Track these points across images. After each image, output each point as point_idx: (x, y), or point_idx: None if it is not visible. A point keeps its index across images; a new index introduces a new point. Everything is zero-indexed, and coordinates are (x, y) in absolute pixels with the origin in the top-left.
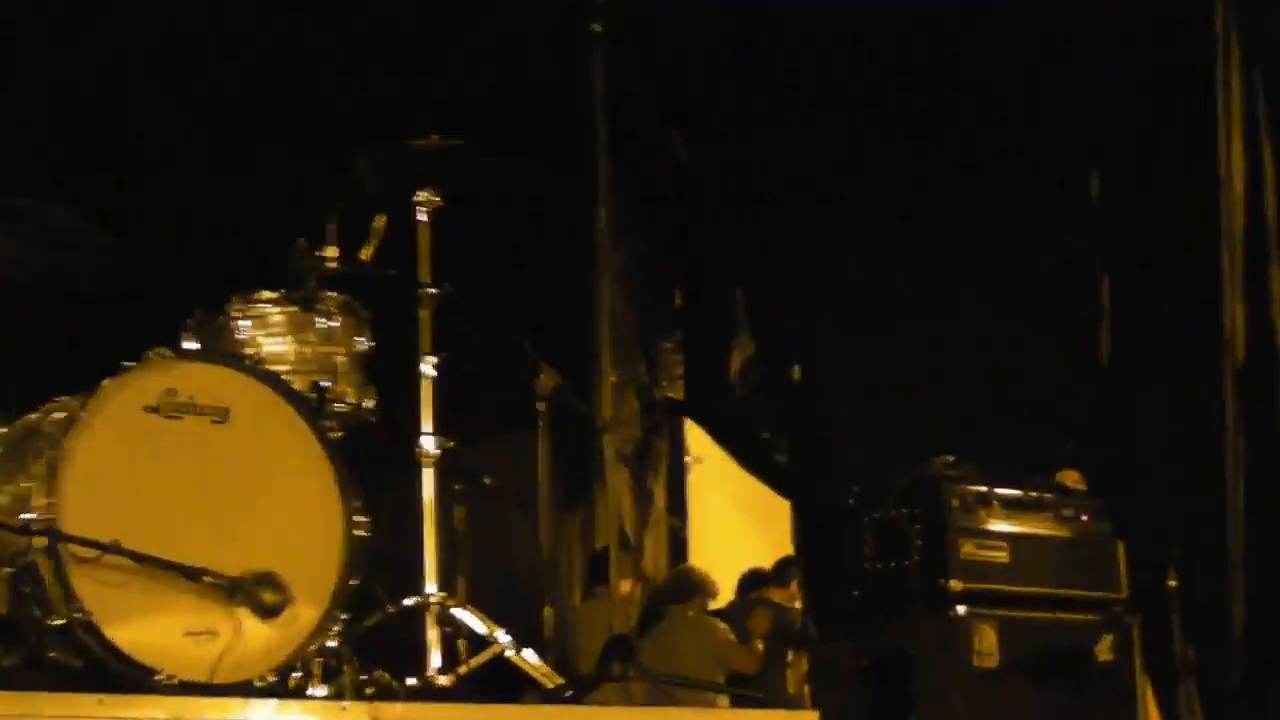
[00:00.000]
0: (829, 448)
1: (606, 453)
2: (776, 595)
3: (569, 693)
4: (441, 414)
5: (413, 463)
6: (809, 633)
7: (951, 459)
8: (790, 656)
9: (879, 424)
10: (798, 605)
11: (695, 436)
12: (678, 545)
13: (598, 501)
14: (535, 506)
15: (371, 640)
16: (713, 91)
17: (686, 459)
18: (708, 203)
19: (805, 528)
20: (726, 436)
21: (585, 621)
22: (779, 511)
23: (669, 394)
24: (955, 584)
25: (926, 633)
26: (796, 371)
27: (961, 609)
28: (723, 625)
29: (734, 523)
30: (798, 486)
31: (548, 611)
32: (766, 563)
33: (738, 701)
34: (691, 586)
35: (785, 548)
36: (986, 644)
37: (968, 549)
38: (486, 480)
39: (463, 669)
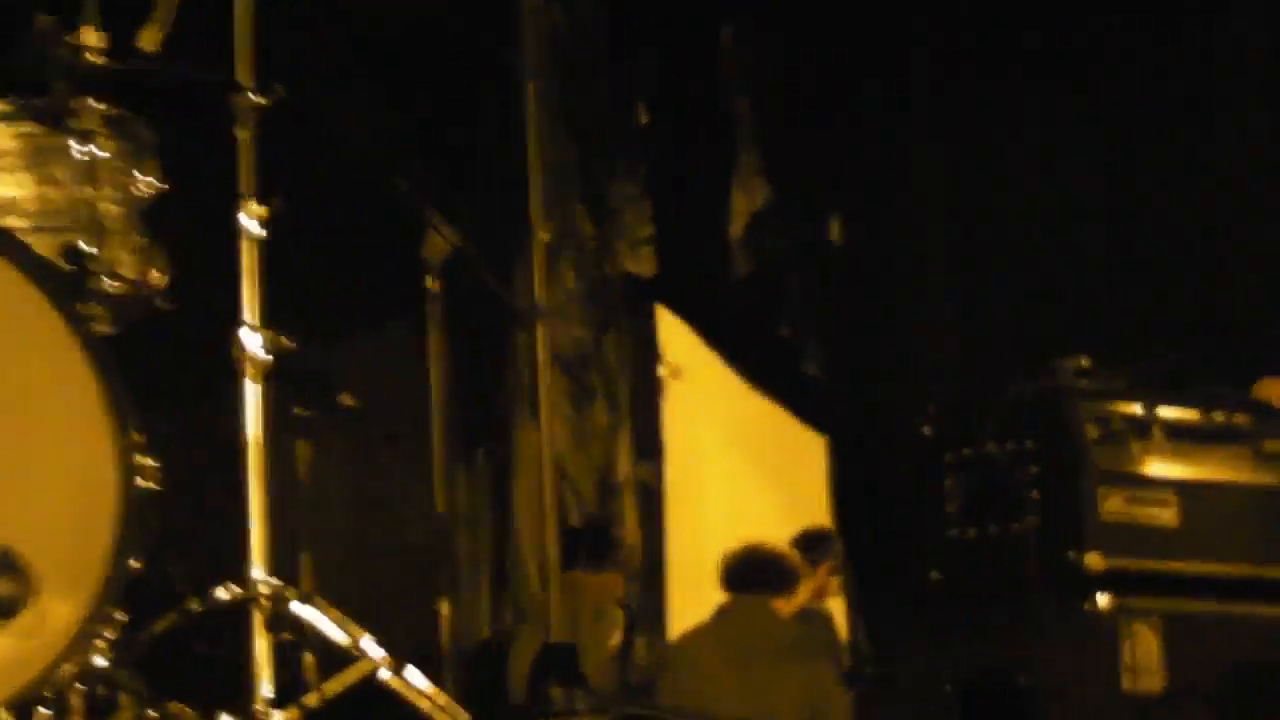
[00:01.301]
0: (888, 351)
1: (537, 357)
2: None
3: None
4: (274, 297)
5: (228, 374)
6: (859, 650)
7: (1086, 362)
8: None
9: (970, 313)
10: (831, 604)
11: (673, 335)
12: (647, 504)
13: (518, 436)
14: (423, 443)
15: (165, 655)
16: None
17: (660, 371)
18: None
19: (848, 476)
20: (723, 335)
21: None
22: (805, 452)
23: (629, 267)
24: (1094, 560)
25: (1049, 639)
26: (836, 228)
27: (1104, 600)
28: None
29: (733, 470)
30: (837, 411)
31: (443, 607)
32: (782, 532)
33: None
34: (763, 574)
35: (815, 510)
36: (1145, 655)
37: (1113, 505)
38: (346, 401)
39: (311, 700)
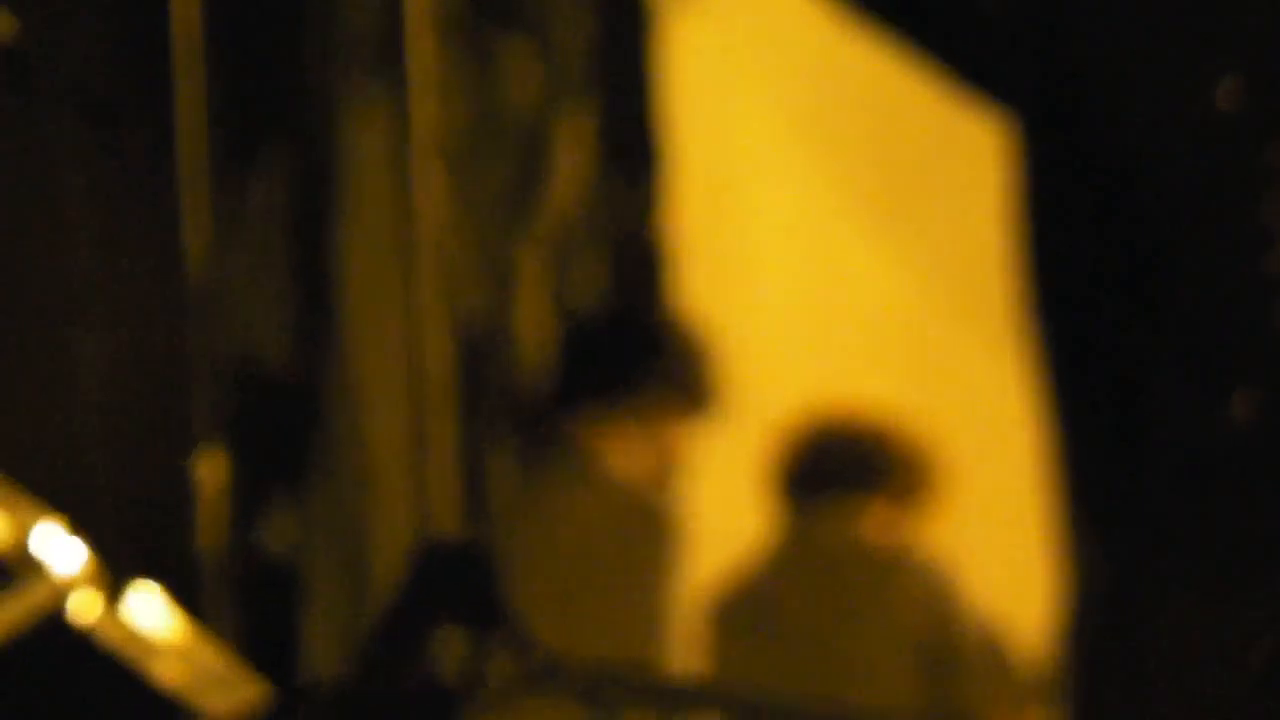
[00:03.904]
0: None
1: None
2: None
3: None
4: None
5: None
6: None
7: None
8: None
9: None
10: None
11: None
12: (637, 268)
13: (346, 125)
14: (155, 123)
15: None
16: None
17: None
18: None
19: (1055, 204)
20: None
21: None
22: (957, 153)
23: None
24: None
25: None
26: None
27: None
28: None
29: (810, 194)
30: (1032, 70)
31: (207, 467)
32: (906, 311)
33: None
34: (861, 459)
35: (975, 271)
36: None
37: None
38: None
39: None
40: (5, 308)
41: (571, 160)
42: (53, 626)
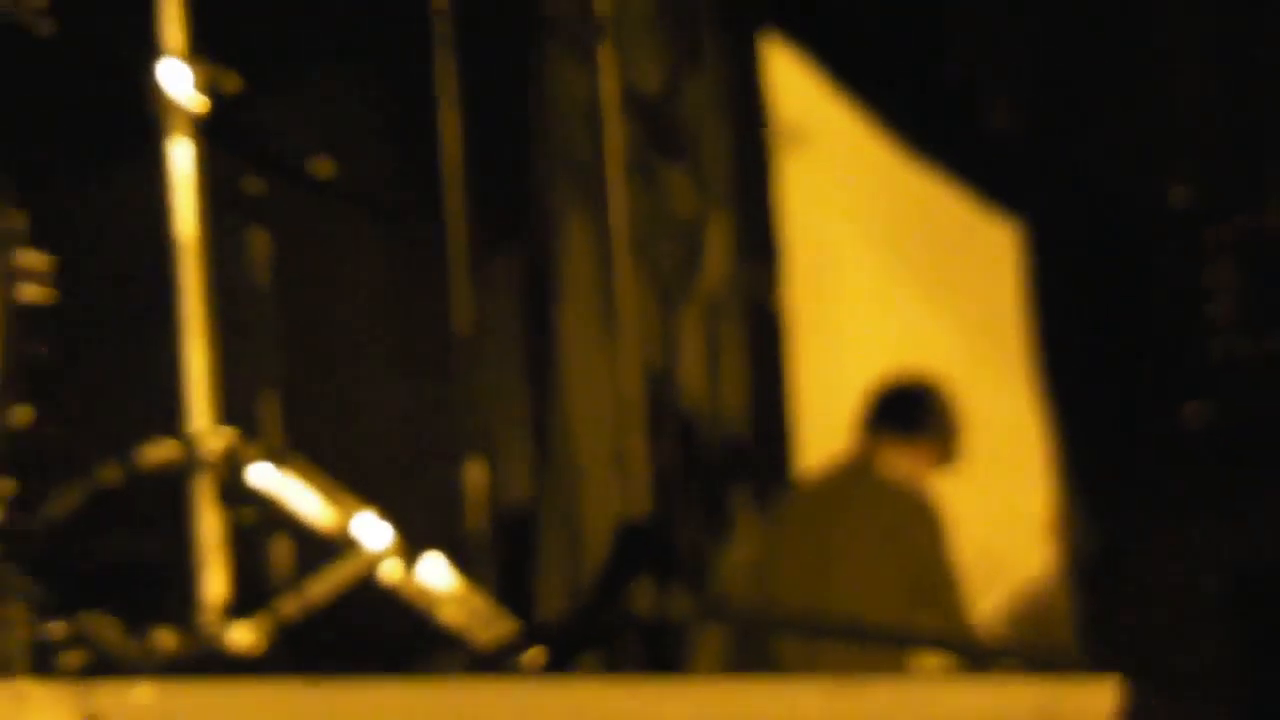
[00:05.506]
0: (1112, 89)
1: (599, 102)
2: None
3: (528, 653)
4: (206, 16)
5: (144, 129)
6: (1077, 531)
7: None
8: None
9: (1241, 28)
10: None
11: (787, 79)
12: (760, 333)
13: (565, 227)
14: (432, 232)
15: (72, 545)
16: None
17: (771, 133)
18: None
19: (1052, 277)
20: (863, 77)
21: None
22: (986, 247)
23: None
24: None
25: None
26: None
27: None
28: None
29: (879, 277)
30: (1035, 183)
31: (472, 472)
32: (949, 362)
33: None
34: (921, 411)
35: (1000, 328)
36: None
37: None
38: (317, 168)
39: (285, 606)
40: (329, 367)
41: (717, 251)
42: (369, 585)
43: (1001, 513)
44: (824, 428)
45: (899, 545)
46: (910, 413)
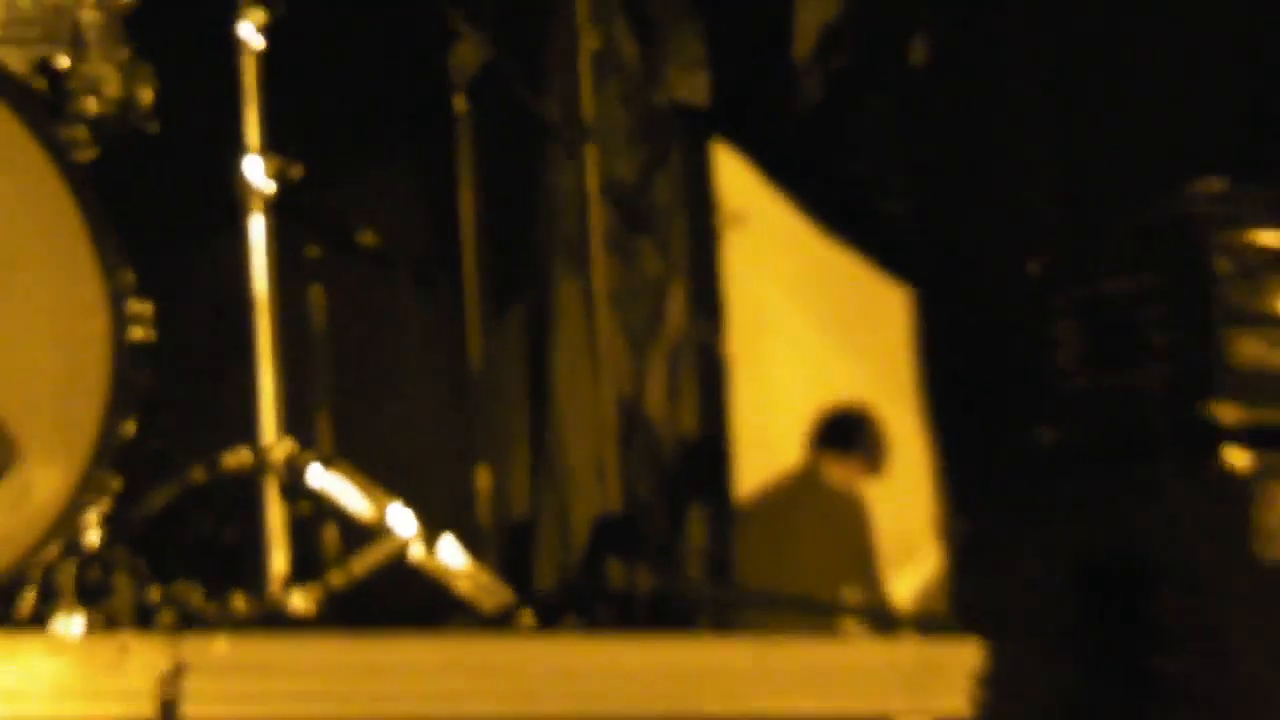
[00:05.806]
0: (982, 182)
1: (585, 190)
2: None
3: (524, 616)
4: (278, 118)
5: (228, 208)
6: (953, 532)
7: (1221, 186)
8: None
9: (1081, 132)
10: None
11: (732, 175)
12: (709, 370)
13: (558, 287)
14: (453, 289)
15: (168, 531)
16: None
17: (717, 218)
18: None
19: (938, 331)
20: (790, 173)
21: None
22: (886, 307)
23: (680, 95)
24: (1227, 411)
25: (1177, 504)
26: (918, 49)
27: (1239, 457)
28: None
29: (803, 330)
30: (923, 256)
31: (481, 474)
32: (864, 396)
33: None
34: (850, 430)
35: (899, 372)
36: None
37: (1250, 349)
38: (365, 240)
39: (334, 578)
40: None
41: (677, 308)
42: (399, 563)
43: (899, 508)
44: (758, 444)
45: (837, 534)
46: (847, 434)
